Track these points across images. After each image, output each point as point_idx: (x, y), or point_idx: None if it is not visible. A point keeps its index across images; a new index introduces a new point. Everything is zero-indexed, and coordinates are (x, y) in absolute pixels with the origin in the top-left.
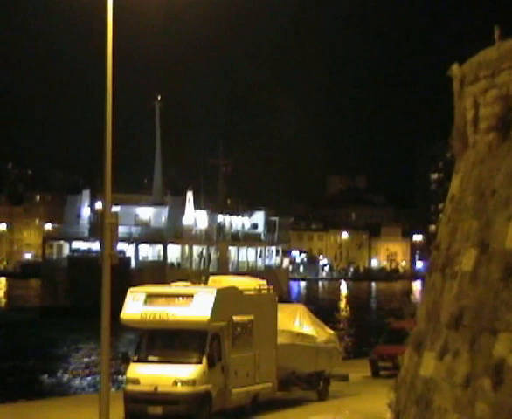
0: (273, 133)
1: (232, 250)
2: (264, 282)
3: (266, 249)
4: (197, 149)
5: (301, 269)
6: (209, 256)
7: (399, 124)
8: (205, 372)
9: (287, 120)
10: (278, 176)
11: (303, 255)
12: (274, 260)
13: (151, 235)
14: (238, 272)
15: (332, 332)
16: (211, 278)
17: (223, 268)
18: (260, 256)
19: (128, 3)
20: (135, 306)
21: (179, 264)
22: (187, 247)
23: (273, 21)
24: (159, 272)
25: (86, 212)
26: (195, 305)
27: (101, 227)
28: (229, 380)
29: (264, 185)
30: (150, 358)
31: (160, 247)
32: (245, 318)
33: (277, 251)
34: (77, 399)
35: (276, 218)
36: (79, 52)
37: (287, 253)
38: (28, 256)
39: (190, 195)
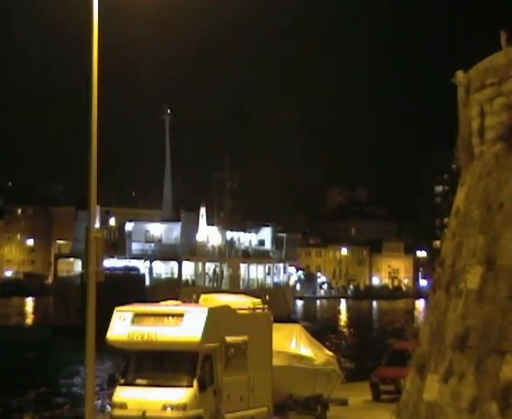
0: (270, 143)
1: (242, 267)
2: (259, 301)
3: (275, 266)
4: (202, 163)
5: (298, 287)
6: (221, 273)
7: (402, 134)
8: (196, 396)
9: (285, 130)
10: (275, 189)
11: (300, 272)
12: (282, 277)
13: (166, 252)
14: (248, 290)
15: (331, 353)
16: (203, 297)
17: (234, 285)
18: (269, 273)
19: (137, 15)
20: (122, 326)
21: (193, 282)
22: (200, 264)
23: (272, 28)
24: (174, 290)
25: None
26: (185, 325)
27: (86, 242)
28: (222, 404)
29: (262, 199)
30: (138, 381)
31: (173, 264)
32: (239, 338)
33: (284, 269)
34: None
35: (284, 235)
36: (71, 60)
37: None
38: (8, 273)
39: (203, 211)
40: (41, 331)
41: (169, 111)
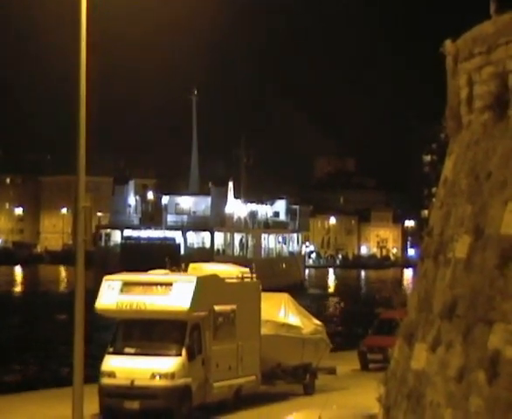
0: (257, 112)
1: (263, 236)
2: (247, 270)
3: (290, 236)
4: (221, 139)
5: None
6: (247, 242)
7: (391, 103)
8: (185, 364)
9: (273, 100)
10: (263, 158)
11: None
12: (296, 247)
13: (198, 223)
14: (268, 258)
15: (319, 322)
16: (191, 266)
17: (257, 254)
18: (285, 243)
19: None
20: (111, 295)
21: (224, 251)
22: (229, 234)
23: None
24: (207, 258)
25: (132, 201)
26: (174, 294)
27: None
28: (210, 373)
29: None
30: (126, 350)
31: (204, 234)
32: (228, 307)
33: (297, 239)
34: (57, 392)
35: (297, 206)
36: (60, 27)
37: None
38: None
39: (231, 185)
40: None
41: (195, 92)
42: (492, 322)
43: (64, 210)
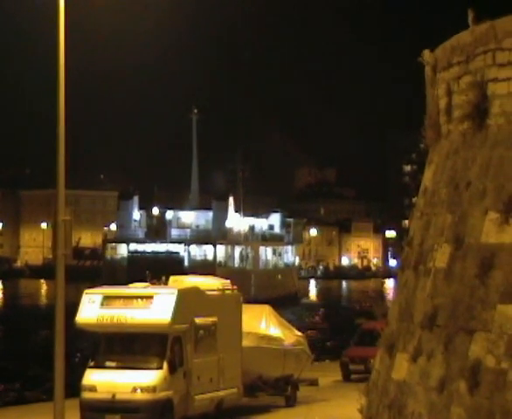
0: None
1: (261, 249)
2: (228, 281)
3: (285, 248)
4: (220, 154)
5: None
6: (246, 254)
7: (370, 113)
8: (166, 378)
9: (252, 110)
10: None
11: None
12: (291, 258)
13: (201, 237)
14: (265, 270)
15: (300, 334)
16: (172, 278)
17: (255, 266)
18: (280, 255)
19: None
20: (91, 309)
21: (225, 263)
22: (229, 247)
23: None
24: (210, 270)
25: (136, 216)
26: (155, 307)
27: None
28: (191, 386)
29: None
30: (108, 363)
31: (206, 247)
32: (209, 320)
33: (292, 251)
34: (39, 407)
35: (291, 219)
36: (41, 43)
37: None
38: None
39: (231, 200)
40: None
41: (196, 111)
42: (473, 331)
43: (44, 224)
